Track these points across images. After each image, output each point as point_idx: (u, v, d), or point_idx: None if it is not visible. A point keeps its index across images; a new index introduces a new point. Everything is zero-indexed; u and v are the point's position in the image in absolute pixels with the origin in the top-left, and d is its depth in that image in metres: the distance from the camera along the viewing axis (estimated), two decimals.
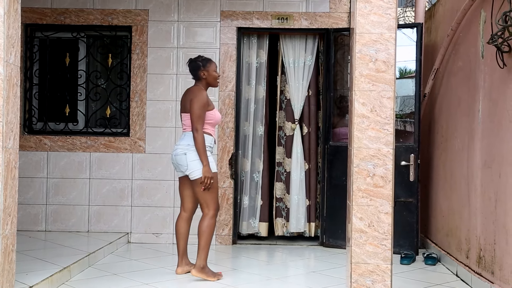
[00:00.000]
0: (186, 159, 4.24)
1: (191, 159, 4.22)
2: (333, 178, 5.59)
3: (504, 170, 3.67)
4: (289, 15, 5.70)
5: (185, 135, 4.31)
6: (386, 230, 3.34)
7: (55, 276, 3.94)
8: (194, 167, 4.21)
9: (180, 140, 4.35)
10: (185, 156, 4.24)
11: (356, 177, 3.37)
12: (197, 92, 4.31)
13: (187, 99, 4.32)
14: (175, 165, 4.38)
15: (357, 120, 3.39)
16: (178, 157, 4.29)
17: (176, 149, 4.33)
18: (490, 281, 3.85)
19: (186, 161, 4.24)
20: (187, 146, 4.25)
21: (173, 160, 4.37)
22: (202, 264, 4.27)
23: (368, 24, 3.38)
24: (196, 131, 4.19)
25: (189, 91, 4.40)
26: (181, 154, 4.27)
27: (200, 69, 4.39)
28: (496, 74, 3.83)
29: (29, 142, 5.74)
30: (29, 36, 5.84)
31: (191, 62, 4.47)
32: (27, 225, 5.67)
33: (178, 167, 4.35)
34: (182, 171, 4.32)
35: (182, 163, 4.27)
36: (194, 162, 4.22)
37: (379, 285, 3.33)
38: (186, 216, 4.46)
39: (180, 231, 4.44)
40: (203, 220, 4.28)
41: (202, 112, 4.23)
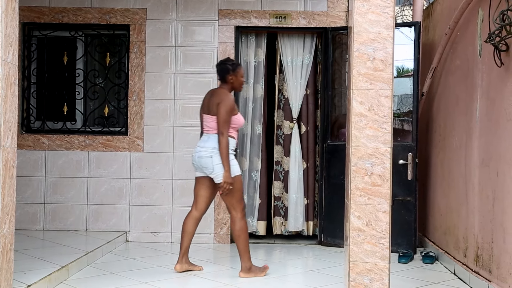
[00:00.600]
0: (212, 162, 4.24)
1: (217, 162, 4.23)
2: (331, 177, 5.59)
3: (502, 169, 3.67)
4: (287, 13, 5.71)
5: (209, 138, 4.30)
6: (384, 229, 3.34)
7: (53, 275, 3.95)
8: (221, 170, 4.22)
9: (204, 142, 4.33)
10: (211, 159, 4.24)
11: (354, 175, 3.37)
12: (225, 96, 4.31)
13: (213, 102, 4.31)
14: (197, 167, 4.37)
15: (355, 119, 3.39)
16: (203, 160, 4.28)
17: (200, 151, 4.31)
18: (488, 280, 3.86)
19: (212, 164, 4.24)
20: (212, 149, 4.25)
21: (196, 162, 4.35)
22: (248, 265, 4.33)
23: (366, 22, 3.38)
24: (222, 135, 4.20)
25: (215, 93, 4.39)
26: (206, 157, 4.27)
27: (229, 73, 4.39)
28: (494, 73, 3.83)
29: (27, 141, 5.73)
30: (27, 35, 5.84)
31: (220, 64, 4.46)
32: (25, 224, 5.67)
33: (201, 169, 4.35)
34: (205, 173, 4.32)
35: (207, 166, 4.27)
36: (220, 165, 4.22)
37: (377, 283, 3.34)
38: (197, 216, 4.46)
39: (187, 229, 4.44)
40: (234, 224, 4.32)
41: (229, 117, 4.25)
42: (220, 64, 4.46)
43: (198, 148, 4.35)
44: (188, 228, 4.44)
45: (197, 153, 4.33)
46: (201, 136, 4.43)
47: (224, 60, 4.49)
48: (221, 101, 4.26)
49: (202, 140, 4.36)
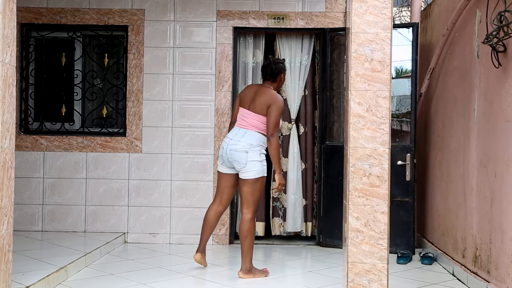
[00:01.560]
0: (247, 157, 4.25)
1: (252, 158, 4.26)
2: (329, 177, 5.59)
3: (500, 169, 3.68)
4: (285, 14, 5.71)
5: (246, 133, 4.32)
6: (382, 230, 3.35)
7: (51, 276, 3.94)
8: (253, 167, 4.26)
9: (240, 136, 4.32)
10: (246, 155, 4.26)
11: (352, 176, 3.38)
12: (277, 97, 4.35)
13: (261, 101, 4.33)
14: (228, 160, 4.34)
15: (353, 119, 3.39)
16: (237, 153, 4.27)
17: (236, 144, 4.29)
18: (486, 280, 3.87)
19: (246, 160, 4.25)
20: (249, 145, 4.28)
21: (227, 155, 4.32)
22: (248, 266, 4.34)
23: (364, 23, 3.38)
24: (273, 137, 4.28)
25: (264, 92, 4.38)
26: (241, 151, 4.27)
27: (282, 72, 4.47)
28: (492, 74, 3.84)
29: (25, 142, 5.73)
30: (24, 35, 5.83)
31: (276, 62, 4.47)
32: (24, 225, 5.67)
33: (230, 163, 4.34)
34: (235, 166, 4.33)
35: (241, 160, 4.26)
36: (253, 163, 4.26)
37: (375, 284, 3.34)
38: (221, 210, 4.52)
39: (211, 223, 4.51)
40: (244, 223, 4.33)
41: (280, 119, 4.37)
42: (275, 62, 4.47)
43: (232, 141, 4.32)
44: (212, 221, 4.50)
45: (231, 145, 4.30)
46: (232, 129, 4.43)
47: (278, 60, 4.51)
48: (274, 103, 4.30)
49: (237, 134, 4.34)
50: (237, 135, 4.33)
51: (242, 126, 4.36)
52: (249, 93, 4.43)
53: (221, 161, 4.42)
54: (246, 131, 4.33)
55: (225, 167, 4.41)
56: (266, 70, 4.46)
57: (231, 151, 4.29)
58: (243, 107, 4.41)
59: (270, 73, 4.45)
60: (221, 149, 4.39)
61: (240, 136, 4.31)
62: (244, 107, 4.40)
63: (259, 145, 4.32)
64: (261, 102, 4.32)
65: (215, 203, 4.52)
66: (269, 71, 4.45)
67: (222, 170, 4.44)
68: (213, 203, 4.55)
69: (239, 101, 4.49)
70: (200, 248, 4.54)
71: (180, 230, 5.66)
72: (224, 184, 4.46)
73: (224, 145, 4.36)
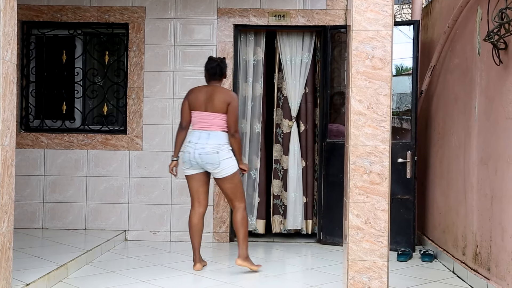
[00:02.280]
0: (219, 157, 4.34)
1: (224, 157, 4.35)
2: (330, 175, 5.59)
3: (500, 167, 3.68)
4: (286, 12, 5.70)
5: (210, 134, 4.37)
6: (382, 227, 3.35)
7: (52, 273, 3.95)
8: (226, 165, 4.36)
9: (205, 139, 4.37)
10: (218, 155, 4.34)
11: (353, 174, 3.37)
12: (233, 94, 4.51)
13: (220, 100, 4.40)
14: (197, 163, 4.39)
15: (354, 117, 3.39)
16: (208, 156, 4.34)
17: (204, 147, 4.35)
18: (486, 278, 3.87)
19: (219, 160, 4.34)
20: (218, 145, 4.35)
21: (197, 159, 4.36)
22: (245, 253, 4.42)
23: (365, 21, 3.38)
24: (236, 133, 4.40)
25: (220, 91, 4.47)
26: (212, 153, 4.34)
27: (226, 69, 4.59)
28: (493, 71, 3.83)
29: (26, 139, 5.73)
30: (25, 33, 5.83)
31: (222, 60, 4.57)
32: (24, 223, 5.67)
33: (203, 166, 4.39)
34: (207, 169, 4.40)
35: (213, 161, 4.34)
36: (226, 160, 4.36)
37: (375, 282, 3.34)
38: (202, 212, 4.55)
39: (197, 228, 4.52)
40: (237, 213, 4.44)
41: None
42: (221, 61, 4.55)
43: (198, 144, 4.36)
44: (198, 226, 4.53)
45: (199, 149, 4.35)
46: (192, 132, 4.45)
47: (218, 58, 4.59)
48: (232, 100, 4.41)
49: (201, 137, 4.38)
50: (202, 138, 4.37)
51: (203, 128, 4.40)
52: (201, 95, 4.45)
53: (188, 166, 4.44)
54: (209, 132, 4.38)
55: (193, 169, 4.45)
56: (215, 70, 4.51)
57: (200, 155, 4.35)
58: (198, 110, 4.43)
59: (219, 73, 4.53)
60: (187, 154, 4.40)
61: (205, 138, 4.36)
62: (199, 110, 4.43)
63: (225, 143, 4.40)
64: (220, 101, 4.39)
65: (194, 207, 4.54)
66: (218, 71, 4.52)
67: (191, 173, 4.47)
68: (192, 207, 4.55)
69: (189, 105, 4.48)
70: (196, 257, 4.53)
71: (180, 228, 5.66)
72: (196, 185, 4.50)
73: (191, 150, 4.38)
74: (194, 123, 4.47)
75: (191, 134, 4.46)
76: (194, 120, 4.47)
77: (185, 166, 4.47)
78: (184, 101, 4.54)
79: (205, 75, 4.58)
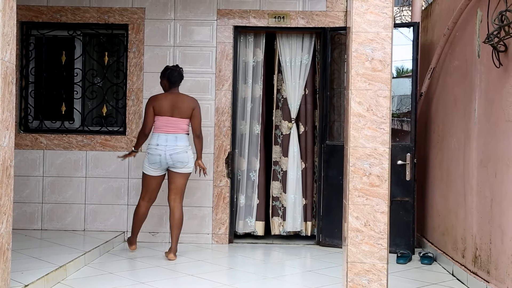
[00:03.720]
0: (188, 156, 4.91)
1: (191, 156, 4.95)
2: (329, 177, 5.59)
3: (500, 170, 3.67)
4: (285, 13, 5.70)
5: (177, 137, 4.89)
6: (382, 229, 3.34)
7: (50, 274, 3.94)
8: (191, 163, 4.97)
9: (173, 141, 4.87)
10: (187, 154, 4.91)
11: (352, 176, 3.37)
12: (196, 102, 5.00)
13: (187, 106, 4.92)
14: (169, 163, 4.90)
15: (353, 119, 3.39)
16: (180, 155, 4.87)
17: (175, 149, 4.87)
18: (486, 281, 3.86)
19: (188, 158, 4.92)
20: (185, 146, 4.92)
21: (169, 159, 4.89)
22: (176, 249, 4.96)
23: (365, 23, 3.38)
24: (201, 134, 5.00)
25: (185, 98, 4.98)
26: (183, 153, 4.89)
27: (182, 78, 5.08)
28: (492, 74, 3.83)
29: (25, 140, 5.72)
30: (25, 34, 5.82)
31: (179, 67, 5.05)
32: (23, 224, 5.66)
33: (174, 165, 4.90)
34: (177, 166, 4.90)
35: (184, 159, 4.90)
36: (192, 159, 4.97)
37: (375, 284, 3.33)
38: (149, 206, 5.10)
39: (143, 218, 5.09)
40: (180, 212, 4.97)
41: None
42: (179, 68, 5.04)
43: (168, 146, 4.85)
44: (143, 216, 5.08)
45: (170, 151, 4.86)
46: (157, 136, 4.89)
47: (176, 65, 5.07)
48: (196, 105, 4.96)
49: (169, 139, 4.86)
50: (170, 141, 4.87)
51: (170, 132, 4.88)
52: (166, 102, 4.91)
53: (156, 166, 4.92)
54: (176, 135, 4.88)
55: (160, 170, 4.96)
56: (177, 78, 5.00)
57: (171, 155, 4.86)
58: (164, 115, 4.89)
59: (179, 79, 5.03)
60: (157, 157, 4.87)
61: (173, 141, 4.87)
62: (165, 115, 4.89)
63: (189, 144, 4.97)
64: (187, 108, 4.91)
65: (145, 200, 5.04)
66: (178, 78, 5.01)
67: (155, 174, 4.97)
68: (143, 200, 5.04)
69: (154, 111, 4.91)
70: (134, 240, 5.15)
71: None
72: (155, 185, 5.02)
73: (161, 153, 4.86)
74: (158, 127, 4.91)
75: (156, 138, 4.89)
76: (159, 124, 4.91)
77: (153, 167, 4.93)
78: (149, 108, 4.94)
79: (165, 83, 5.02)
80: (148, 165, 4.95)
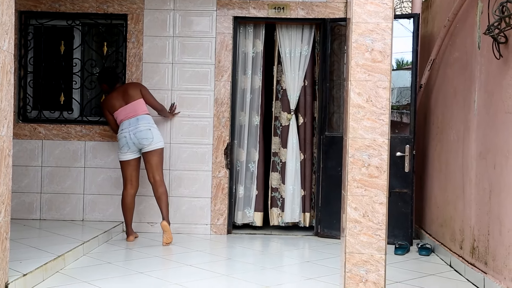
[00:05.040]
0: (152, 132, 5.06)
1: (156, 132, 5.11)
2: (328, 168, 5.59)
3: (499, 161, 3.67)
4: (285, 4, 5.68)
5: (139, 118, 5.10)
6: (380, 220, 3.34)
7: (49, 264, 3.94)
8: (158, 138, 5.11)
9: (135, 123, 5.06)
10: (150, 131, 5.06)
11: (351, 167, 3.37)
12: (139, 83, 5.33)
13: (132, 90, 5.17)
14: (134, 144, 5.05)
15: (353, 110, 3.38)
16: (143, 132, 5.04)
17: (137, 127, 5.05)
18: (484, 272, 3.87)
19: (152, 134, 5.06)
20: (148, 123, 5.10)
21: (134, 139, 5.04)
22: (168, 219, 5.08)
23: (365, 13, 3.36)
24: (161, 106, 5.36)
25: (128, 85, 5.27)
26: (145, 130, 5.05)
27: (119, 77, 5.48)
28: (492, 65, 3.82)
29: (23, 130, 5.71)
30: (23, 23, 5.80)
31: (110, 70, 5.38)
32: (22, 214, 5.67)
33: (140, 143, 5.05)
34: (144, 144, 5.05)
35: (148, 136, 5.04)
36: (158, 135, 5.12)
37: (373, 275, 3.34)
38: (134, 193, 5.20)
39: (130, 207, 5.18)
40: (161, 186, 5.10)
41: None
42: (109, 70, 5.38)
43: (131, 127, 5.05)
44: (130, 205, 5.18)
45: (133, 131, 5.04)
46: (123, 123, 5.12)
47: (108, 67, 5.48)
48: (140, 86, 5.26)
49: (131, 122, 5.07)
50: (132, 123, 5.08)
51: (131, 116, 5.10)
52: (115, 99, 5.18)
53: (126, 150, 5.09)
54: (137, 117, 5.09)
55: (130, 153, 5.10)
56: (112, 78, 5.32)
57: (136, 134, 5.04)
58: (119, 108, 5.14)
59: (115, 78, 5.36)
60: (124, 139, 5.07)
61: (135, 122, 5.07)
62: (120, 108, 5.14)
63: (153, 122, 5.16)
64: (133, 90, 5.17)
65: (127, 188, 5.16)
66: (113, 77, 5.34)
67: (127, 158, 5.11)
68: (125, 189, 5.17)
69: (108, 111, 5.22)
70: (129, 231, 5.22)
71: (178, 220, 5.66)
72: (131, 170, 5.14)
73: (126, 135, 5.06)
74: (121, 119, 5.13)
75: (121, 125, 5.13)
76: (120, 117, 5.14)
77: (123, 151, 5.10)
78: (105, 112, 5.28)
79: (105, 87, 5.33)
80: (120, 152, 5.13)
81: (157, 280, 3.95)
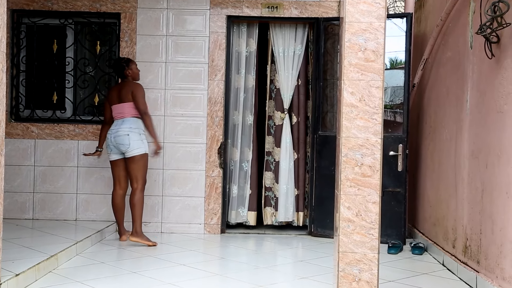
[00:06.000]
0: (129, 139, 4.94)
1: (134, 139, 4.96)
2: (321, 167, 5.60)
3: (491, 160, 3.69)
4: (279, 3, 5.68)
5: (124, 121, 5.00)
6: (373, 220, 3.35)
7: (42, 264, 3.93)
8: (136, 145, 4.96)
9: (119, 125, 4.99)
10: (128, 137, 4.95)
11: (344, 166, 3.37)
12: (136, 84, 5.10)
13: (125, 91, 5.03)
14: (114, 147, 5.01)
15: (346, 109, 3.38)
16: (120, 137, 4.95)
17: (117, 131, 4.97)
18: (476, 270, 3.89)
19: (129, 141, 4.94)
20: (129, 128, 4.97)
21: (113, 142, 4.99)
22: (138, 230, 4.97)
23: (358, 13, 3.36)
24: (146, 113, 4.99)
25: (125, 84, 5.09)
26: (123, 135, 4.95)
27: (125, 68, 5.12)
28: (485, 65, 3.84)
29: (16, 129, 5.69)
30: (16, 22, 5.77)
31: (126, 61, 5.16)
32: (14, 213, 5.64)
33: (117, 148, 4.99)
34: (122, 150, 4.98)
35: (124, 142, 4.94)
36: (136, 142, 4.97)
37: (366, 274, 3.35)
38: (123, 193, 5.17)
39: (120, 206, 5.17)
40: (134, 194, 4.99)
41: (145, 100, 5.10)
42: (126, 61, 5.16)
43: (114, 130, 5.00)
44: (120, 205, 5.16)
45: (114, 133, 4.99)
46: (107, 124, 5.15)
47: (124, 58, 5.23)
48: (135, 88, 5.04)
49: (117, 124, 5.02)
50: (117, 125, 5.02)
51: (119, 117, 5.04)
52: (113, 93, 5.11)
53: (109, 151, 5.08)
54: (124, 119, 5.01)
55: (114, 154, 5.06)
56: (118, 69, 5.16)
57: (115, 137, 4.98)
58: (114, 104, 5.07)
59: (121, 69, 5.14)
60: (108, 140, 5.05)
61: (119, 124, 5.00)
62: (115, 104, 5.07)
63: (137, 127, 5.00)
64: (126, 92, 5.02)
65: (116, 189, 5.15)
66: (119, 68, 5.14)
67: (113, 158, 5.09)
68: (114, 189, 5.16)
69: (107, 103, 5.16)
70: (121, 231, 5.19)
71: (171, 219, 5.65)
72: (118, 170, 5.12)
73: (109, 136, 5.04)
74: (114, 116, 5.09)
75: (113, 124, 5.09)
76: (113, 113, 5.08)
77: (108, 152, 5.11)
78: (105, 99, 5.24)
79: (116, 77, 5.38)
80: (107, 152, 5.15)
81: (150, 279, 3.94)
